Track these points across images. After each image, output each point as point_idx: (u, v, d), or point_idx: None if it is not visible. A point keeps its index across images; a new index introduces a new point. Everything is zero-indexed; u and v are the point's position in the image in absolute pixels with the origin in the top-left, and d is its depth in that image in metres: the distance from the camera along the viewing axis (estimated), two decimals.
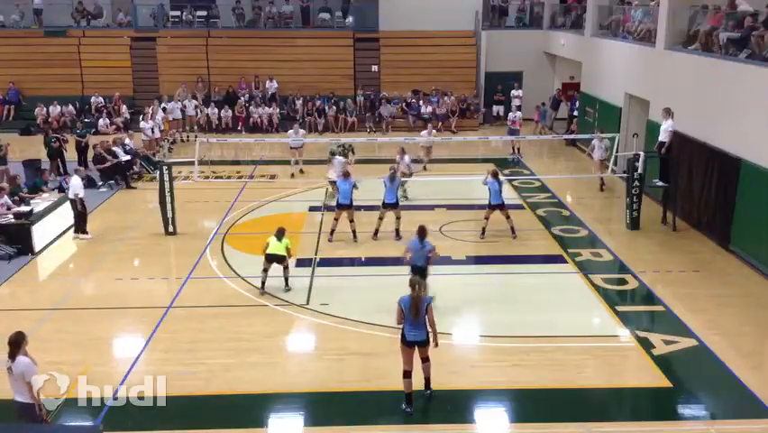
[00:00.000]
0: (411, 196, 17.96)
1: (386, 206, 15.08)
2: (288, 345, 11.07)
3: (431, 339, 8.91)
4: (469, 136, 25.65)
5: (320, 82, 28.63)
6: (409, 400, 8.92)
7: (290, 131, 20.97)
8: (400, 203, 15.61)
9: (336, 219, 15.08)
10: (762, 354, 10.63)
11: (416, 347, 8.85)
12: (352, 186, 14.82)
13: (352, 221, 15.02)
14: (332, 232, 15.15)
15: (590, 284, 12.98)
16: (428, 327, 8.81)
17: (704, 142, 15.38)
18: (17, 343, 7.58)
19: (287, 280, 12.61)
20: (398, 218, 15.18)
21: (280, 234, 12.41)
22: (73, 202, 15.42)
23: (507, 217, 15.29)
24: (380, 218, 15.22)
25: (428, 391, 9.22)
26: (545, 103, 28.10)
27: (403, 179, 16.87)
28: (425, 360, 9.04)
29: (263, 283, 12.48)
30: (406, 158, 17.69)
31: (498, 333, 11.13)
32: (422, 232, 11.43)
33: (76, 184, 15.38)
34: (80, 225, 15.53)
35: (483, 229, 15.31)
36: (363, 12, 30.09)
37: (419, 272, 10.83)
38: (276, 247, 12.31)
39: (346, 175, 15.03)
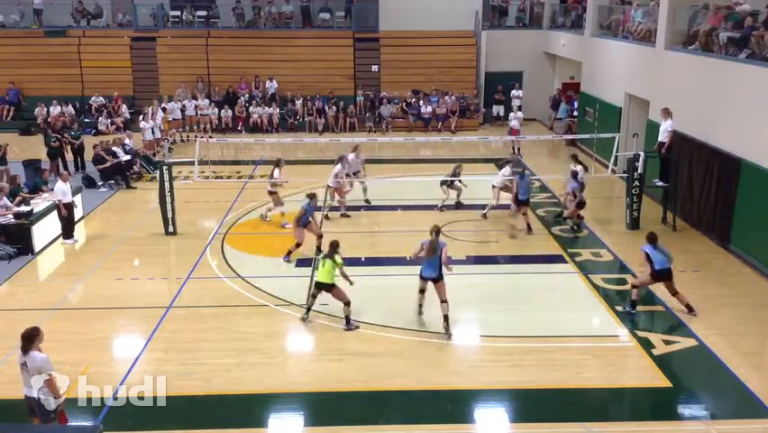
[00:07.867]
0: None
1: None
2: (288, 345, 11.08)
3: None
4: (469, 136, 25.62)
5: (320, 82, 28.61)
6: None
7: (351, 154, 17.30)
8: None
9: (525, 214, 15.67)
10: (762, 354, 10.63)
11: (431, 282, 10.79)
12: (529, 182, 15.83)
13: (525, 214, 15.69)
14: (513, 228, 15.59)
15: (590, 284, 12.98)
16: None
17: (704, 142, 15.38)
18: (30, 337, 7.60)
19: (347, 319, 11.09)
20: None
21: (330, 251, 10.84)
22: (57, 207, 15.10)
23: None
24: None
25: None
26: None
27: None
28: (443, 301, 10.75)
29: (308, 309, 11.36)
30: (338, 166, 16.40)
31: (498, 333, 11.12)
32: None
33: (59, 189, 15.09)
34: (66, 230, 15.26)
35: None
36: (363, 12, 30.09)
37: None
38: (321, 274, 10.93)
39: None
